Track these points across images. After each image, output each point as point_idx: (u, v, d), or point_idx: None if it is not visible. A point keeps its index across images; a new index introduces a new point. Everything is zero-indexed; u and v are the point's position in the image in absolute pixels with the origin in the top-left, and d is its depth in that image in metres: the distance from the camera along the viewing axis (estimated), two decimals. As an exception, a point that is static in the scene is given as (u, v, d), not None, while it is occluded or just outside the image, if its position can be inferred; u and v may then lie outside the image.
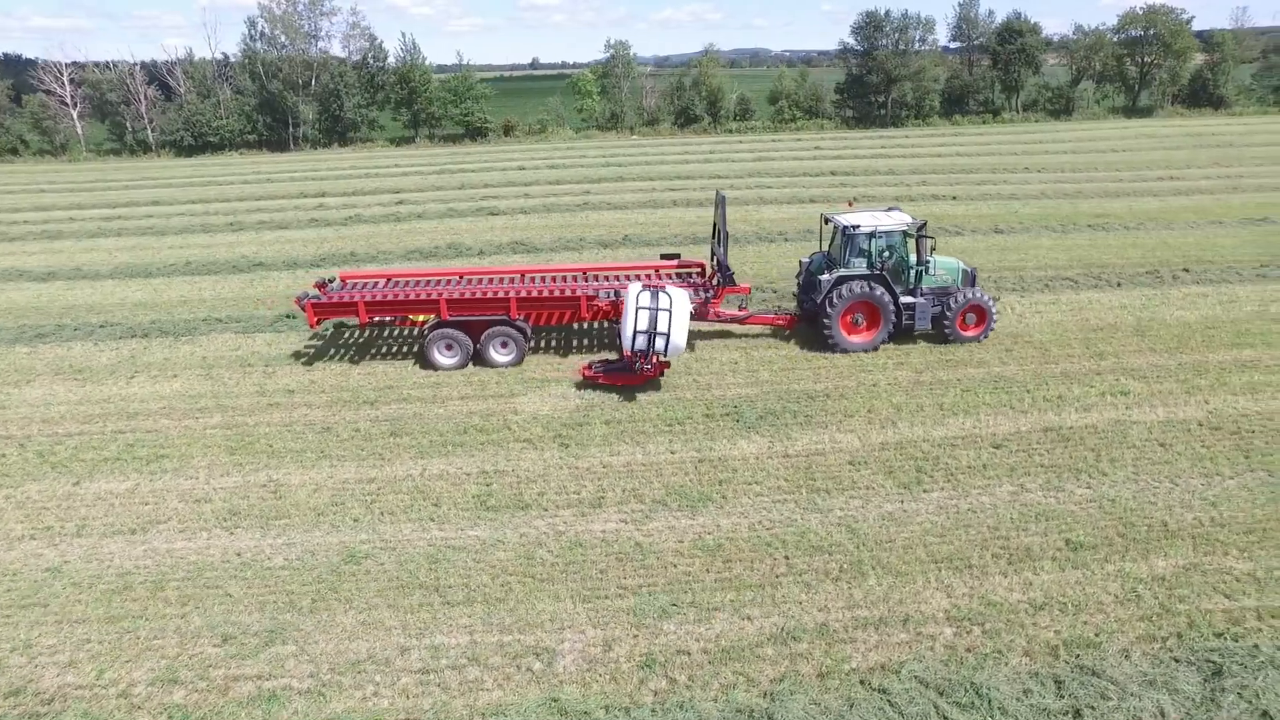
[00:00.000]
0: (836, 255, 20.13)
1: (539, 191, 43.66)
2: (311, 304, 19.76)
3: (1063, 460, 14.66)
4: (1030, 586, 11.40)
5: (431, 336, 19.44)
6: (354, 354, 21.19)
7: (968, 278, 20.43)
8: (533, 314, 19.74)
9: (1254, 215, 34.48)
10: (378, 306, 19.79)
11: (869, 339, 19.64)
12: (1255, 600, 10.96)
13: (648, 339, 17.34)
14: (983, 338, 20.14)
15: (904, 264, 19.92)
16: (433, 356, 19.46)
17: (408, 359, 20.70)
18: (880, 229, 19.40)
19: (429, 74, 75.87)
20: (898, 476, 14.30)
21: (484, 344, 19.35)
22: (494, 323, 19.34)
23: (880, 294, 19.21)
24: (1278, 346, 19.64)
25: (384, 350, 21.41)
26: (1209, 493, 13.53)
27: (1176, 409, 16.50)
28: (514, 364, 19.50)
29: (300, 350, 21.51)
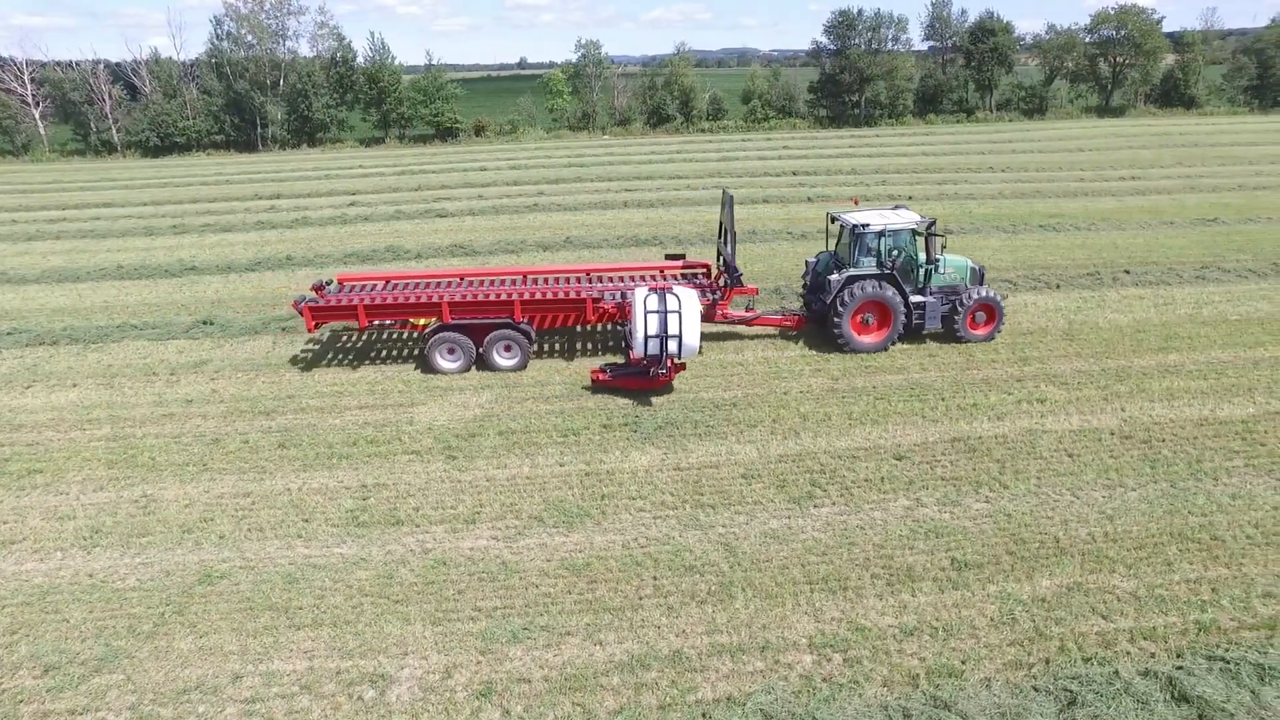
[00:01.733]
0: (844, 255, 19.70)
1: (493, 193, 43.01)
2: (309, 308, 18.91)
3: (965, 472, 14.10)
4: (905, 610, 10.81)
5: (433, 341, 18.69)
6: (265, 360, 20.51)
7: (976, 276, 20.10)
8: (537, 316, 19.09)
9: (1206, 216, 34.13)
10: (378, 310, 18.97)
11: (879, 339, 19.29)
12: (1131, 621, 10.40)
13: (660, 343, 16.74)
14: (993, 336, 19.82)
15: (913, 263, 19.61)
16: (435, 361, 18.76)
17: (319, 365, 20.03)
18: (889, 228, 19.05)
19: (398, 74, 75.08)
20: (789, 490, 13.70)
21: (487, 348, 18.67)
22: (497, 325, 18.66)
23: (890, 294, 18.88)
24: (1202, 350, 19.14)
25: (300, 355, 20.73)
26: (1108, 506, 12.99)
27: (1091, 417, 15.96)
28: (518, 368, 18.82)
29: (209, 358, 20.82)
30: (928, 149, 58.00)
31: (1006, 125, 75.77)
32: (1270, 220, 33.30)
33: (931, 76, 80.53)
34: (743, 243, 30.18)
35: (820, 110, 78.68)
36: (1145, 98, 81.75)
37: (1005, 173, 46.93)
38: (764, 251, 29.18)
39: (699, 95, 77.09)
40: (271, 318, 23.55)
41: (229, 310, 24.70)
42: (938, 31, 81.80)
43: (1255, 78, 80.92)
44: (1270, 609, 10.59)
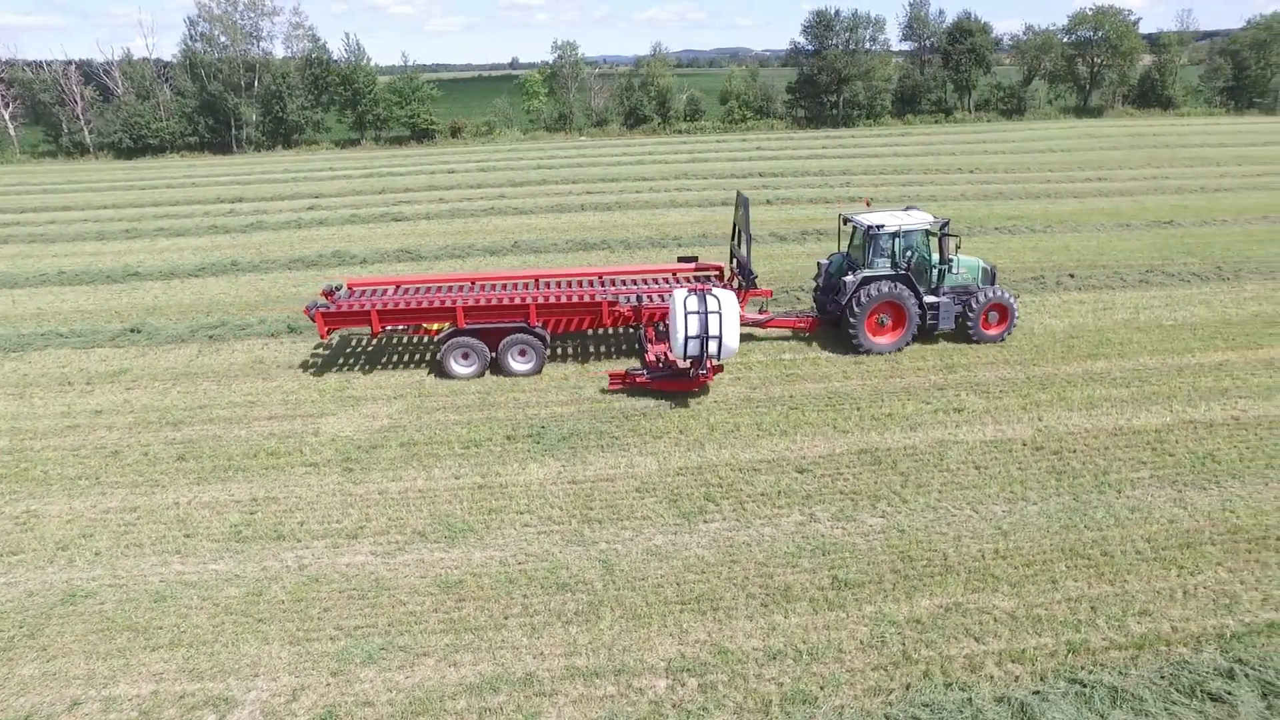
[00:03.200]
0: (857, 256, 19.65)
1: (454, 196, 42.64)
2: (321, 314, 18.54)
3: (866, 486, 13.77)
4: (774, 632, 10.47)
5: (448, 346, 18.39)
6: (186, 369, 20.14)
7: (988, 276, 20.10)
8: (551, 320, 18.78)
9: (1163, 218, 33.93)
10: (392, 315, 18.58)
11: (894, 340, 19.25)
12: (1004, 643, 10.07)
13: (700, 344, 16.35)
14: (1005, 336, 19.80)
15: (926, 263, 19.60)
16: (449, 366, 18.46)
17: (237, 376, 19.65)
18: (904, 228, 19.05)
19: (373, 75, 74.66)
20: (681, 505, 13.36)
21: (502, 352, 18.39)
22: (512, 330, 18.37)
23: (905, 294, 18.85)
24: (1131, 357, 18.86)
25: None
26: (1006, 521, 12.67)
27: (1007, 427, 15.65)
28: (533, 372, 18.53)
29: (129, 367, 20.46)
30: (900, 150, 57.77)
31: (984, 126, 75.59)
32: (1225, 222, 33.09)
33: (909, 77, 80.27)
34: (685, 247, 29.91)
35: (799, 111, 78.35)
36: (1123, 98, 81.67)
37: (973, 174, 46.72)
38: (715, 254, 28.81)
39: (676, 96, 76.72)
40: (201, 325, 23.18)
41: (162, 317, 24.32)
42: (916, 32, 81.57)
43: (1231, 79, 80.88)
44: (1144, 627, 10.27)
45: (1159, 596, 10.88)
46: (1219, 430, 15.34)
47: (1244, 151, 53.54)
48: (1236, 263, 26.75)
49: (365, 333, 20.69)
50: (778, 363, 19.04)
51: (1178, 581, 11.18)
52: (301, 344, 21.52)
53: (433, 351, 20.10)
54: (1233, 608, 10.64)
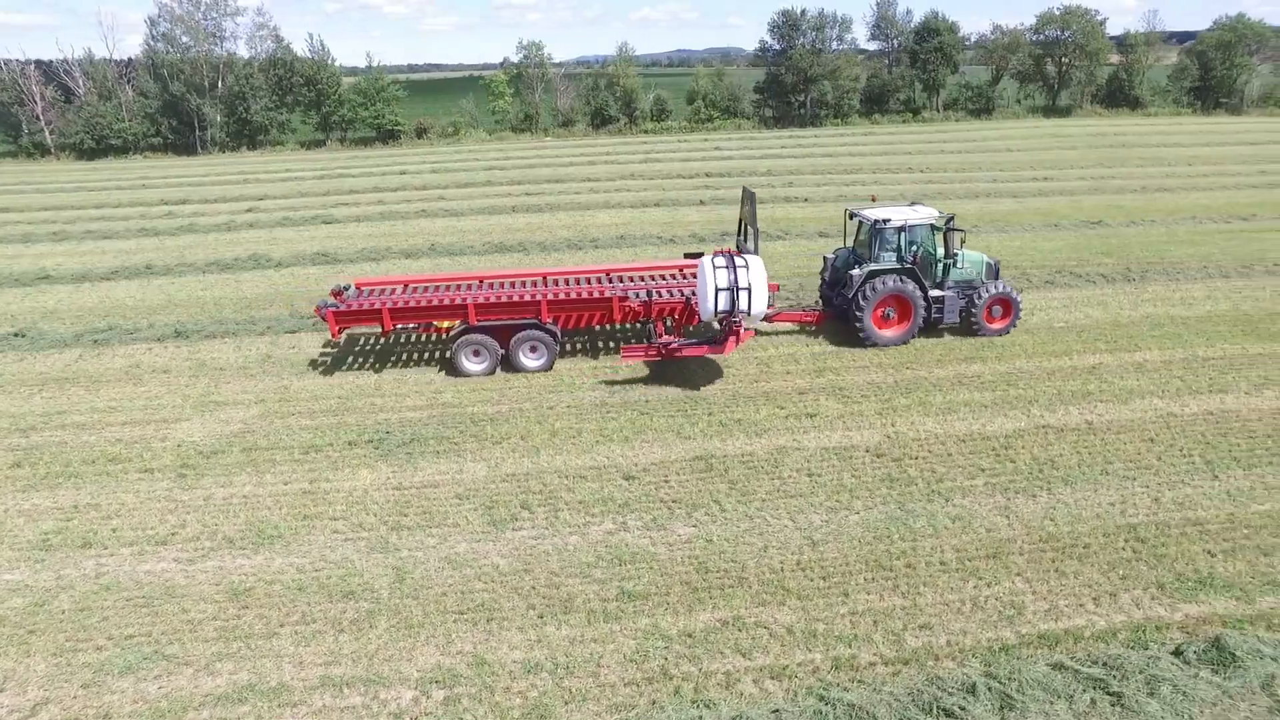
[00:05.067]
0: (863, 251, 19.85)
1: (394, 198, 42.30)
2: (333, 313, 18.44)
3: (689, 494, 13.51)
4: (540, 644, 10.23)
5: (460, 343, 18.35)
6: (63, 374, 19.87)
7: (991, 271, 20.31)
8: (562, 317, 18.77)
9: (1094, 218, 33.75)
10: (402, 313, 18.50)
11: (900, 333, 19.49)
12: (771, 659, 9.84)
13: (730, 296, 16.72)
14: (1009, 330, 20.04)
15: (931, 258, 19.75)
16: (460, 363, 18.42)
17: (101, 381, 19.37)
18: (909, 223, 19.25)
19: (338, 76, 74.30)
20: (496, 512, 13.10)
21: (513, 349, 18.38)
22: (523, 326, 18.35)
23: (911, 288, 19.05)
24: (1008, 360, 18.67)
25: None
26: (821, 530, 12.42)
27: (856, 433, 15.40)
28: (544, 369, 18.53)
29: (10, 373, 20.16)
30: (858, 150, 57.53)
31: (951, 125, 75.35)
32: (1153, 223, 32.90)
33: (877, 76, 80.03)
34: (620, 247, 29.70)
35: (766, 111, 78.10)
36: (1091, 98, 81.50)
37: (922, 173, 46.47)
38: (630, 254, 28.58)
39: (642, 96, 76.46)
40: (89, 330, 22.88)
41: (55, 321, 24.01)
42: (883, 31, 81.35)
43: (1197, 79, 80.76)
44: (919, 641, 10.03)
45: (946, 609, 10.64)
46: (1068, 435, 15.11)
47: (1198, 152, 53.34)
48: (1148, 264, 26.55)
49: (373, 332, 20.95)
50: (642, 367, 18.73)
51: (971, 593, 10.94)
52: (185, 348, 21.24)
53: (441, 350, 20.10)
54: (1015, 619, 10.41)
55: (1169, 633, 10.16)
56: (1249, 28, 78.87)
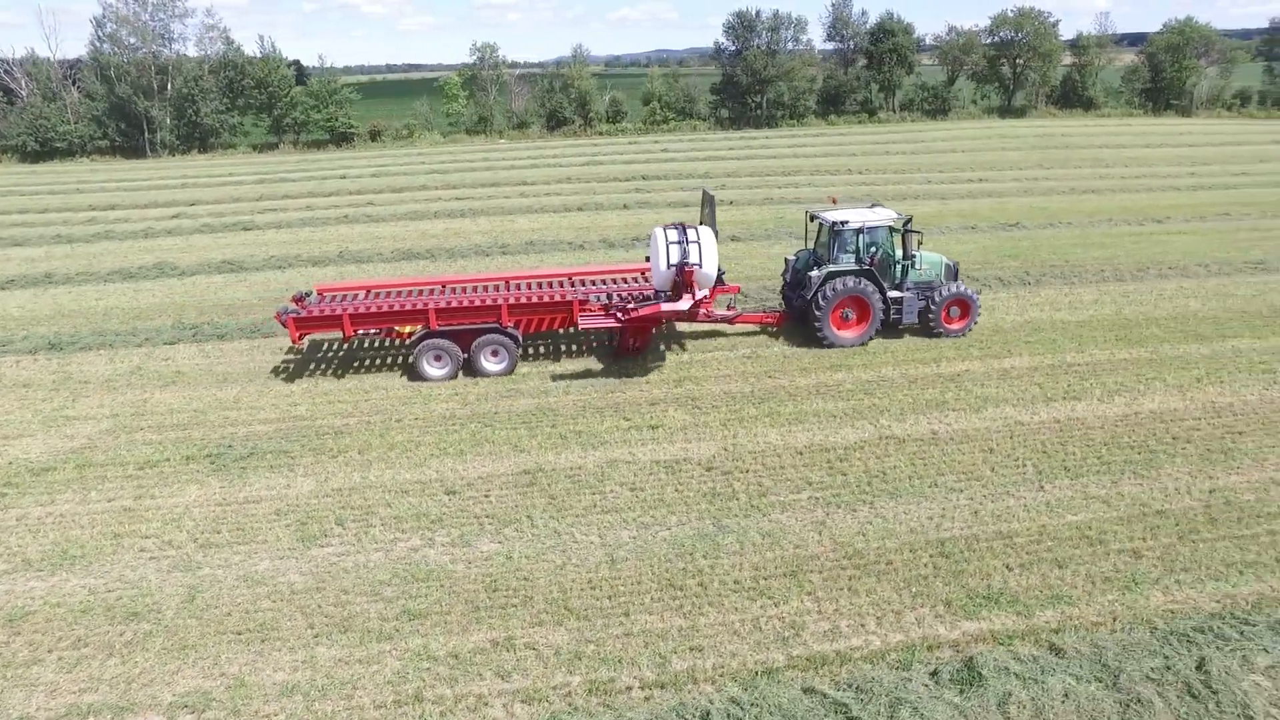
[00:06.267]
0: (823, 252, 20.10)
1: (323, 204, 41.91)
2: (293, 319, 18.41)
3: (504, 509, 13.37)
4: (307, 665, 10.07)
5: (420, 348, 18.35)
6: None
7: (950, 272, 20.56)
8: (523, 320, 18.81)
9: (1012, 220, 33.89)
10: (363, 319, 18.53)
11: (859, 334, 19.78)
12: (529, 681, 9.71)
13: (681, 251, 17.85)
14: (966, 331, 20.35)
15: (890, 259, 20.02)
16: (422, 368, 18.42)
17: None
18: (868, 225, 19.50)
19: (290, 78, 73.67)
20: (309, 529, 12.92)
21: (474, 353, 18.44)
22: (484, 331, 18.40)
23: (869, 289, 19.31)
24: (874, 368, 18.64)
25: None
26: (627, 547, 12.31)
27: (694, 445, 15.30)
28: (506, 372, 18.62)
29: None
30: (803, 151, 57.53)
31: (906, 126, 75.58)
32: (1070, 225, 33.07)
33: (833, 77, 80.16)
34: (530, 253, 29.53)
35: (723, 112, 78.08)
36: (1046, 99, 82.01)
37: (860, 174, 46.57)
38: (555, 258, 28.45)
39: (596, 98, 76.26)
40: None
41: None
42: (839, 32, 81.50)
43: (1148, 81, 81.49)
44: (685, 664, 9.91)
45: (724, 630, 10.53)
46: (909, 446, 15.07)
47: (1138, 153, 53.74)
48: (1050, 267, 26.65)
49: (335, 337, 20.88)
50: (507, 379, 18.57)
51: (756, 613, 10.84)
52: (55, 360, 20.91)
53: (403, 355, 19.98)
54: (790, 641, 10.32)
55: (939, 652, 10.10)
56: (1196, 31, 79.78)
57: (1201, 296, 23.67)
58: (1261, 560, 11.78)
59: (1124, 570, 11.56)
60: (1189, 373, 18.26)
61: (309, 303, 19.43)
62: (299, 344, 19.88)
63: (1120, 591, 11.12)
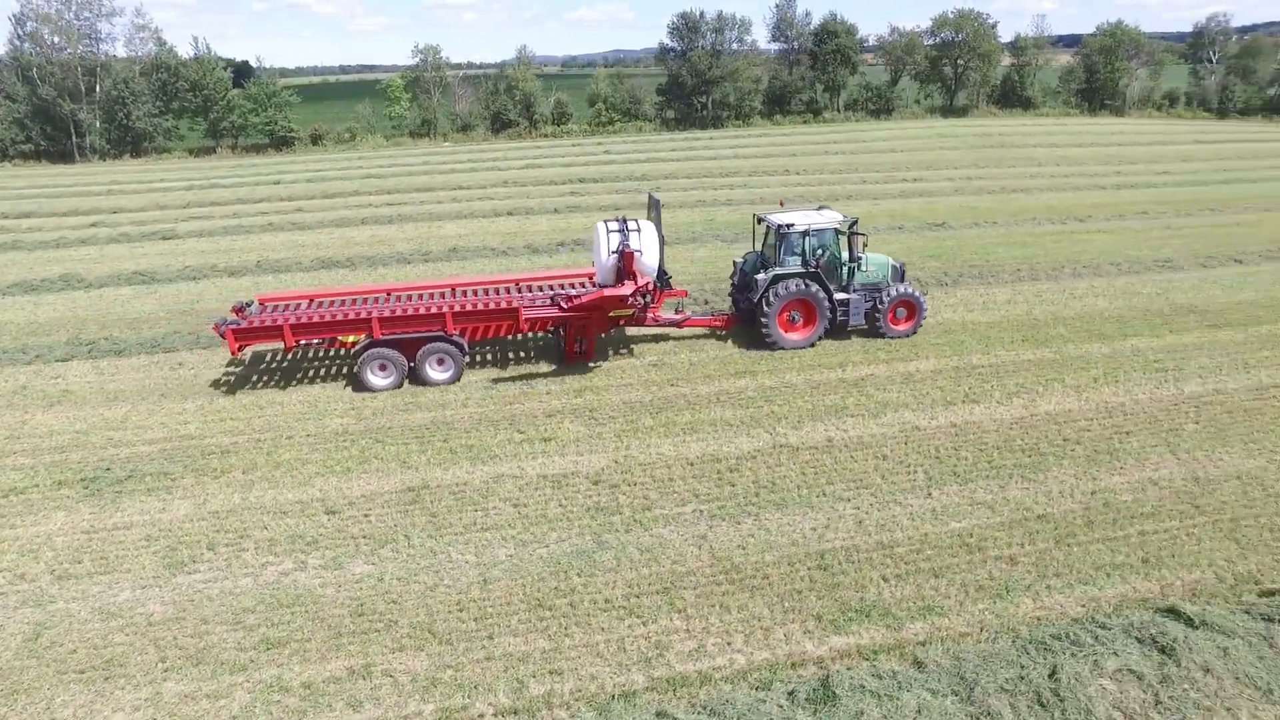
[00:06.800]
0: (770, 254, 20.10)
1: (250, 210, 40.98)
2: (232, 330, 17.81)
3: (383, 529, 13.03)
4: (150, 703, 9.65)
5: (364, 357, 18.01)
6: None
7: (897, 273, 20.75)
8: (469, 328, 18.54)
9: (941, 220, 34.13)
10: (305, 329, 18.09)
11: (806, 336, 19.87)
12: (379, 711, 9.43)
13: (621, 238, 18.23)
14: (913, 331, 20.54)
15: (836, 261, 20.12)
16: (366, 378, 18.10)
17: None
18: (813, 227, 19.58)
19: (226, 81, 72.11)
20: (178, 555, 12.48)
21: (420, 362, 18.17)
22: (430, 339, 18.13)
23: (815, 291, 19.42)
24: (779, 373, 18.60)
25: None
26: (501, 566, 12.06)
27: (585, 458, 15.09)
28: (452, 381, 18.42)
29: None
30: (745, 152, 57.67)
31: (851, 126, 76.23)
32: (995, 224, 33.50)
33: (778, 78, 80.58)
34: (452, 260, 29.11)
35: (669, 113, 78.06)
36: (987, 99, 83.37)
37: (799, 175, 46.80)
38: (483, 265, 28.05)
39: (541, 100, 75.80)
40: None
41: None
42: (783, 33, 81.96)
43: (1083, 82, 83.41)
44: (542, 689, 9.69)
45: (587, 652, 10.33)
46: (802, 455, 15.01)
47: (1069, 152, 54.73)
48: (969, 267, 26.93)
49: (278, 348, 20.39)
50: (402, 394, 18.21)
51: (623, 633, 10.65)
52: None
53: (349, 365, 19.55)
54: (654, 662, 10.15)
55: (803, 670, 10.00)
56: (1126, 34, 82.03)
57: (1109, 295, 24.04)
58: (1129, 562, 11.88)
59: (998, 578, 11.57)
60: (1088, 373, 18.48)
61: (250, 313, 19.04)
62: (238, 356, 19.38)
63: (992, 600, 11.13)
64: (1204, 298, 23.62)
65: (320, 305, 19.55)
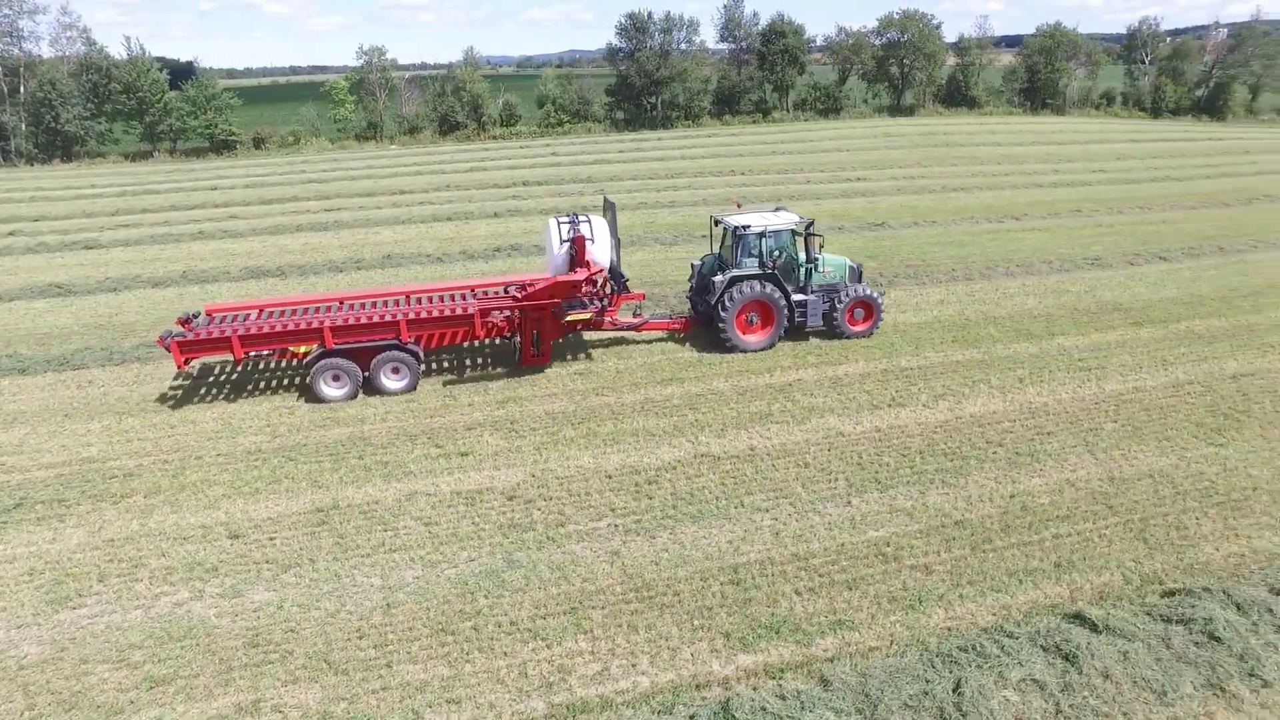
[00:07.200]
0: (728, 256, 19.98)
1: (181, 219, 39.75)
2: (177, 343, 17.21)
3: (288, 552, 12.58)
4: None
5: (317, 368, 17.52)
6: None
7: (854, 274, 20.81)
8: (424, 336, 18.23)
9: (881, 220, 34.28)
10: (254, 340, 17.56)
11: (764, 338, 19.82)
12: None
13: (571, 228, 18.60)
14: (871, 332, 20.61)
15: (794, 262, 20.20)
16: (319, 389, 17.62)
17: None
18: (770, 229, 19.56)
19: (162, 83, 70.19)
20: (63, 589, 11.88)
21: (374, 371, 17.77)
22: (384, 348, 17.71)
23: (773, 293, 19.38)
24: (708, 380, 18.39)
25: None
26: (410, 589, 11.68)
27: (502, 472, 14.75)
28: (408, 390, 18.02)
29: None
30: (692, 153, 57.50)
31: (799, 125, 76.56)
32: (934, 224, 33.73)
33: (727, 78, 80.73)
34: (406, 266, 28.51)
35: (618, 113, 77.75)
36: (933, 98, 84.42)
37: (743, 175, 46.74)
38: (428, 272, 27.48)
39: (489, 101, 75.03)
40: None
41: None
42: (731, 33, 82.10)
43: (1025, 81, 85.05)
44: (438, 719, 9.33)
45: (487, 678, 10.02)
46: (724, 464, 14.82)
47: (1011, 151, 55.50)
48: (906, 267, 27.05)
49: (227, 360, 19.86)
50: (317, 410, 17.68)
51: (526, 657, 10.35)
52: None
53: (301, 376, 18.91)
54: (555, 687, 9.86)
55: (707, 691, 9.79)
56: (1065, 35, 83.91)
57: (1040, 294, 24.28)
58: (1041, 567, 11.87)
59: (912, 588, 11.48)
60: (1014, 373, 18.58)
61: (196, 325, 18.46)
62: (184, 369, 18.77)
63: (904, 611, 11.02)
64: (1129, 295, 23.96)
65: (271, 315, 19.06)
